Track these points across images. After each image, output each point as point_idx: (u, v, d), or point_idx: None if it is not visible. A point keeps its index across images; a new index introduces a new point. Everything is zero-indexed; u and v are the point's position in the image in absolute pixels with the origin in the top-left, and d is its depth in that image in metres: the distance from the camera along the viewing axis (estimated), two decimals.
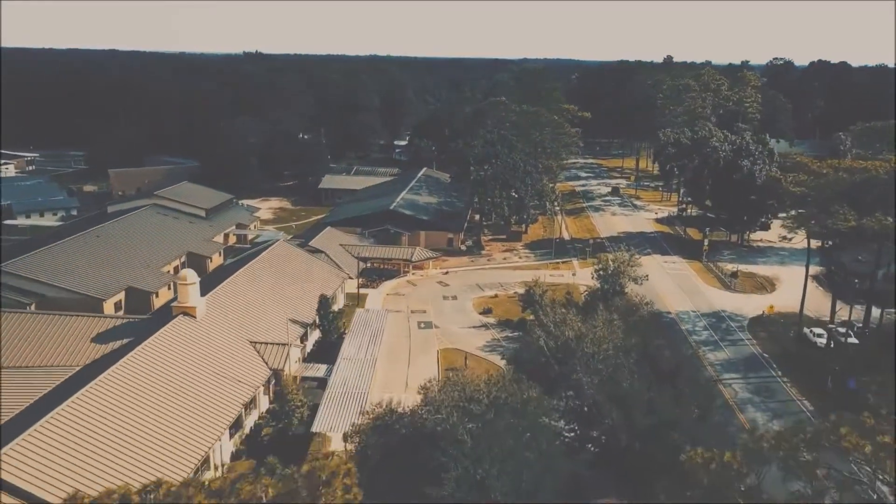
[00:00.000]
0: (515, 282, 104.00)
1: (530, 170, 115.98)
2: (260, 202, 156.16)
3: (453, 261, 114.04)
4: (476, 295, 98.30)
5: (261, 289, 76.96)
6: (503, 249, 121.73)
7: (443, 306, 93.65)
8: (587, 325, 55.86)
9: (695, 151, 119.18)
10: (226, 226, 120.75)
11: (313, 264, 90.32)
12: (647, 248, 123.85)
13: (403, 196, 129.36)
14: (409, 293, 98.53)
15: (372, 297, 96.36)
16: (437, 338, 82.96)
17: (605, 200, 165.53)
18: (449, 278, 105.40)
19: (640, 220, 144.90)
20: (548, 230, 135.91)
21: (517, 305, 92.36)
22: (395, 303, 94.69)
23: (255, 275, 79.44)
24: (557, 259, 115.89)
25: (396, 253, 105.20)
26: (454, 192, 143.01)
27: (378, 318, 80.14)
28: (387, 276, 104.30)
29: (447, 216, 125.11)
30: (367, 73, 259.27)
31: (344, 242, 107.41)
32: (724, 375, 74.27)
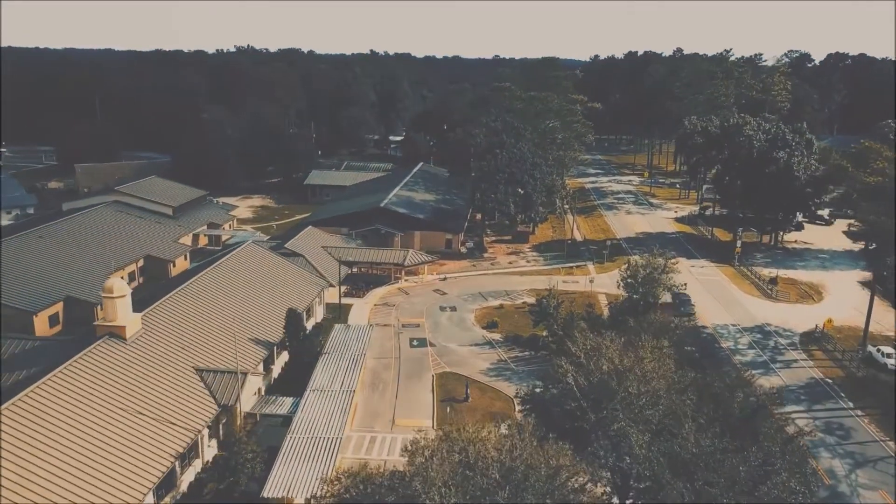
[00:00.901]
0: (523, 289, 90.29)
1: (539, 162, 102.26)
2: (240, 200, 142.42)
3: (452, 265, 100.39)
4: (478, 305, 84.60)
5: (217, 301, 63.20)
6: (508, 252, 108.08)
7: (439, 319, 79.94)
8: (630, 356, 42.05)
9: (726, 141, 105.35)
10: (195, 225, 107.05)
11: (287, 270, 76.60)
12: (670, 250, 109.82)
13: (396, 192, 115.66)
14: (401, 303, 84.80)
15: (357, 308, 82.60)
16: (433, 359, 69.22)
17: (619, 198, 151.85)
18: (447, 285, 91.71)
19: (659, 220, 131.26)
20: (557, 231, 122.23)
21: (527, 318, 78.71)
22: (383, 315, 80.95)
23: (213, 284, 65.68)
24: (570, 263, 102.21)
25: (387, 256, 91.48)
26: (453, 189, 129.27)
27: (360, 335, 66.35)
28: (375, 283, 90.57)
29: (445, 215, 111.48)
30: (360, 66, 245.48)
31: (327, 244, 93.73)
32: (784, 408, 60.44)
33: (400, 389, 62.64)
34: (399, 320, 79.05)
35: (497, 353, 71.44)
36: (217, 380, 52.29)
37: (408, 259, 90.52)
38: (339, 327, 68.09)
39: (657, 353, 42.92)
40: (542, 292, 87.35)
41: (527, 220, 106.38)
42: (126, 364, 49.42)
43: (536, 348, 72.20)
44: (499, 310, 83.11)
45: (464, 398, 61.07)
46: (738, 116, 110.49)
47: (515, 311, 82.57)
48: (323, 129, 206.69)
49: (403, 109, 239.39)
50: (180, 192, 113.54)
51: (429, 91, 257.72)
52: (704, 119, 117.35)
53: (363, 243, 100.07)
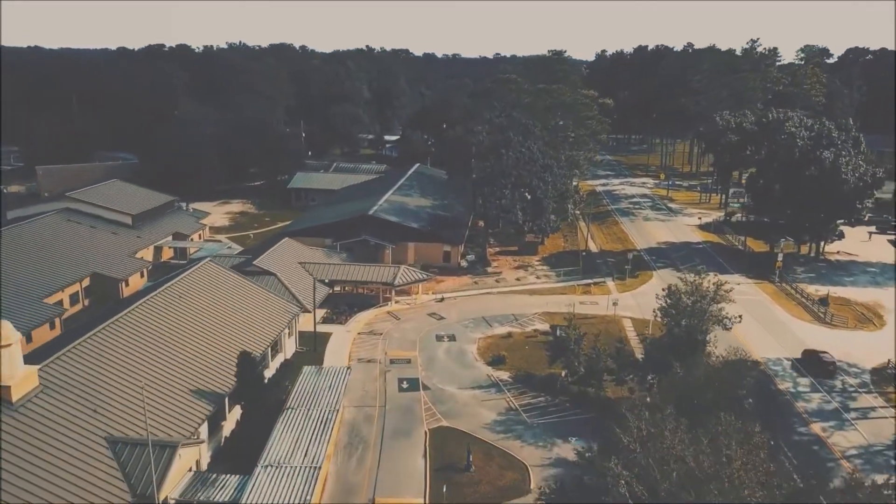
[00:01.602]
0: (534, 313, 77.05)
1: (550, 163, 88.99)
2: (217, 206, 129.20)
3: (451, 282, 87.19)
4: (481, 333, 71.38)
5: (151, 342, 49.92)
6: (515, 266, 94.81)
7: (435, 352, 66.72)
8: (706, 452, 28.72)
9: (765, 139, 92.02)
10: (158, 236, 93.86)
11: (252, 296, 63.37)
12: (697, 262, 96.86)
13: (388, 198, 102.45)
14: (390, 331, 71.59)
15: (337, 337, 69.36)
16: (426, 407, 55.98)
17: (634, 203, 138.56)
18: (445, 307, 78.49)
19: (681, 227, 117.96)
20: (570, 240, 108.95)
21: (540, 351, 65.64)
22: (368, 346, 67.70)
23: (149, 318, 52.40)
24: (587, 279, 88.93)
25: (374, 274, 78.25)
26: (452, 193, 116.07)
27: (335, 381, 53.09)
28: (360, 305, 77.33)
29: (443, 223, 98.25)
30: (354, 61, 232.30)
31: (306, 259, 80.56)
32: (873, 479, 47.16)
33: (383, 453, 49.35)
34: (386, 354, 65.81)
35: (505, 398, 58.15)
36: (135, 456, 39.05)
37: (399, 277, 77.30)
38: (308, 371, 54.74)
39: (748, 447, 29.58)
40: (556, 317, 74.46)
41: (537, 229, 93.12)
42: (8, 438, 36.18)
43: (553, 392, 59.02)
44: (506, 339, 69.86)
45: (465, 466, 47.83)
46: (776, 111, 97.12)
47: (526, 342, 69.33)
48: (314, 128, 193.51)
49: (400, 108, 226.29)
50: (143, 198, 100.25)
51: (427, 89, 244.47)
52: (738, 114, 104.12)
53: (348, 257, 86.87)
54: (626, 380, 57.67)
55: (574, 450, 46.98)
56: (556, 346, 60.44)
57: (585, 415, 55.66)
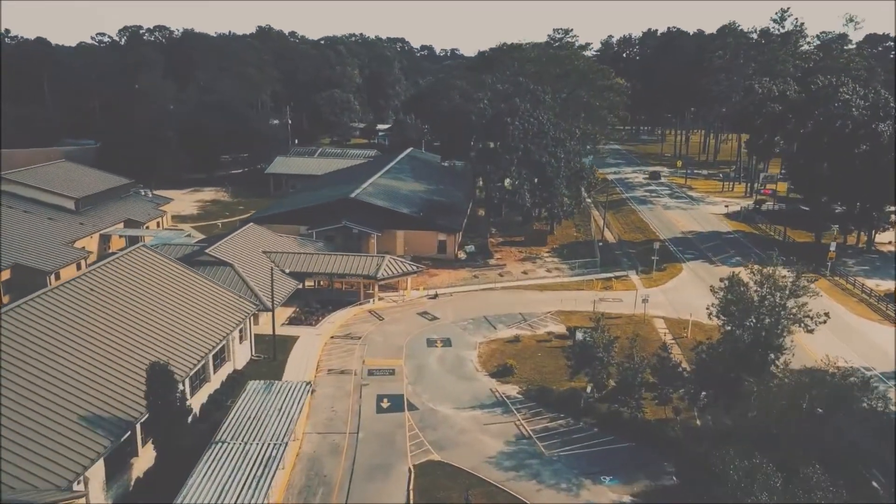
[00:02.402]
0: (547, 312, 63.84)
1: (563, 137, 75.84)
2: (187, 193, 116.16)
3: (446, 275, 74.03)
4: (483, 337, 58.18)
5: (31, 353, 36.61)
6: (521, 258, 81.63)
7: (426, 360, 53.50)
8: None
9: (815, 108, 78.82)
10: (106, 223, 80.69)
11: (194, 290, 50.11)
12: (732, 253, 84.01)
13: (375, 181, 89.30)
14: (370, 334, 58.36)
15: (304, 342, 56.09)
16: (412, 434, 42.82)
17: (650, 191, 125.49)
18: (439, 305, 65.32)
19: (706, 216, 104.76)
20: (582, 230, 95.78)
21: (557, 358, 52.62)
22: (341, 354, 54.47)
23: (36, 321, 39.08)
24: (606, 273, 75.73)
25: (353, 265, 64.97)
26: (449, 178, 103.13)
27: (288, 403, 39.82)
28: (337, 303, 64.07)
29: (439, 209, 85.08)
30: (347, 46, 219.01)
31: (273, 248, 67.34)
32: None
33: (352, 498, 36.16)
34: (364, 363, 52.62)
35: (515, 421, 44.96)
36: None
37: (382, 269, 64.06)
38: (253, 389, 41.42)
39: None
40: (573, 317, 61.32)
41: (549, 214, 79.90)
42: None
43: (576, 413, 45.87)
44: (513, 344, 56.63)
45: None
46: (824, 78, 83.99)
47: (538, 347, 56.12)
48: (302, 116, 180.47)
49: (394, 96, 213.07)
50: (92, 181, 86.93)
51: (422, 78, 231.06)
52: (780, 81, 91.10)
53: (327, 247, 73.67)
54: (672, 397, 44.60)
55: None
56: (579, 353, 47.22)
57: (620, 444, 42.55)
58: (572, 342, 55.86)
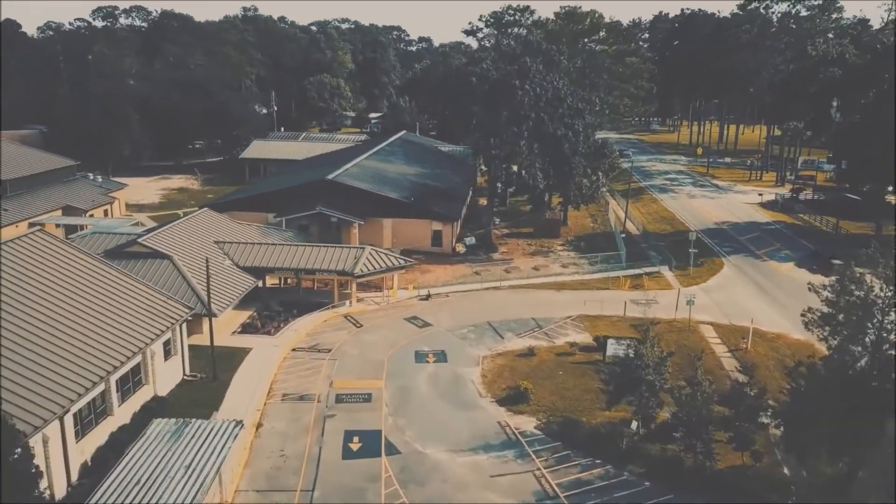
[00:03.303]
0: (567, 317, 51.26)
1: (582, 107, 63.35)
2: (153, 181, 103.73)
3: (442, 272, 61.50)
4: (488, 349, 45.61)
5: None
6: (530, 251, 69.09)
7: (414, 381, 40.90)
8: None
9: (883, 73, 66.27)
10: (38, 209, 68.12)
11: (103, 289, 37.50)
12: (778, 247, 71.54)
13: (360, 162, 76.91)
14: (343, 346, 45.75)
15: (256, 358, 43.45)
16: (390, 493, 30.21)
17: (670, 179, 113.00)
18: (432, 308, 52.73)
19: (738, 205, 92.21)
20: (599, 220, 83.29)
21: (585, 377, 40.14)
22: (303, 373, 41.87)
23: None
24: (633, 269, 63.15)
25: (325, 258, 52.31)
26: (446, 162, 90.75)
27: (202, 455, 27.18)
28: (302, 307, 51.40)
29: (433, 194, 72.64)
30: (338, 31, 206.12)
31: (228, 238, 54.78)
32: None
33: None
34: (332, 385, 40.05)
35: (533, 471, 32.40)
36: None
37: (361, 263, 51.45)
38: (157, 431, 28.82)
39: None
40: (601, 323, 48.96)
41: (562, 201, 67.48)
42: None
43: (618, 458, 33.33)
44: (526, 359, 44.05)
45: None
46: None
47: (559, 363, 43.54)
48: (289, 103, 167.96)
49: (390, 84, 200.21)
50: (24, 162, 74.21)
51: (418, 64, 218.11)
52: (838, 43, 78.58)
53: (298, 237, 61.10)
54: (754, 437, 32.14)
55: None
56: (620, 374, 34.72)
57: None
58: (603, 356, 43.55)
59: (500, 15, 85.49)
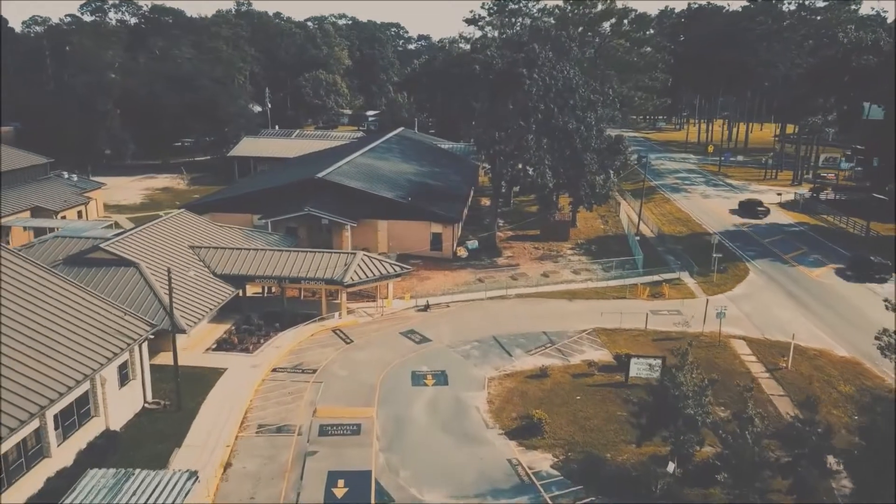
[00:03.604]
0: (582, 331, 45.95)
1: (595, 98, 58.07)
2: (137, 180, 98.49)
3: (442, 278, 56.17)
4: (495, 369, 40.27)
5: None
6: (538, 255, 63.78)
7: (410, 409, 35.53)
8: None
9: None
10: (2, 210, 62.66)
11: (45, 304, 32.17)
12: (806, 251, 66.21)
13: (353, 160, 71.70)
14: (330, 366, 40.40)
15: (230, 380, 38.08)
16: None
17: (682, 178, 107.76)
18: (431, 321, 47.38)
19: None
20: (610, 221, 78.05)
21: (604, 404, 34.94)
22: (283, 398, 36.50)
23: None
24: (649, 275, 57.80)
25: (313, 265, 46.92)
26: (446, 159, 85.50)
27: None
28: (285, 320, 46.01)
29: (433, 195, 67.38)
30: (335, 27, 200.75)
31: (206, 242, 49.48)
32: None
33: None
34: (316, 414, 34.71)
35: None
36: None
37: (353, 270, 46.09)
38: (90, 485, 23.51)
39: None
40: (619, 338, 43.71)
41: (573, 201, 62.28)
42: None
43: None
44: (539, 381, 38.72)
45: None
46: None
47: (576, 386, 38.20)
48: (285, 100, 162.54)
49: (388, 81, 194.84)
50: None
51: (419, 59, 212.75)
52: (869, 31, 73.35)
53: (285, 241, 55.71)
54: (812, 482, 26.79)
55: None
56: (652, 405, 29.45)
57: None
58: (625, 377, 38.29)
59: (504, 2, 79.87)
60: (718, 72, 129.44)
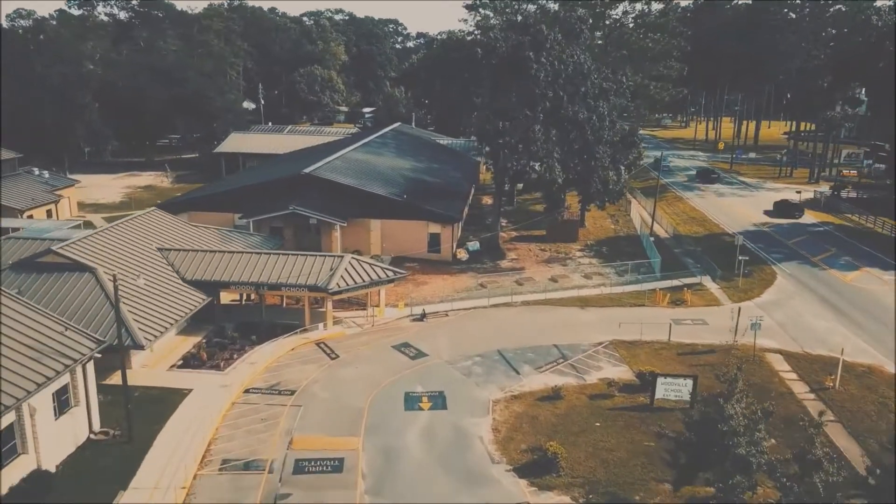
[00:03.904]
0: (597, 343, 40.84)
1: (608, 86, 53.02)
2: (118, 178, 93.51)
3: (440, 283, 51.03)
4: (500, 389, 35.14)
5: None
6: (545, 258, 58.69)
7: (401, 439, 30.36)
8: None
9: None
10: None
11: None
12: (835, 252, 61.11)
13: (345, 155, 66.68)
14: (311, 386, 35.25)
15: (194, 403, 32.93)
16: None
17: (693, 176, 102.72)
18: (428, 332, 42.26)
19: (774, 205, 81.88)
20: (621, 221, 73.00)
21: (629, 431, 29.50)
22: (253, 426, 31.32)
23: None
24: (667, 280, 52.67)
25: (295, 269, 41.76)
26: (445, 155, 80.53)
27: None
28: (269, 330, 40.83)
29: (431, 192, 62.29)
30: (332, 22, 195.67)
31: (176, 244, 44.37)
32: None
33: None
34: (291, 445, 29.56)
35: None
36: None
37: (339, 275, 40.95)
38: None
39: None
40: (639, 351, 38.66)
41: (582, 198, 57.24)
42: None
43: None
44: (552, 404, 33.59)
45: None
46: None
47: (594, 409, 33.09)
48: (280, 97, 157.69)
49: (386, 77, 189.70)
50: None
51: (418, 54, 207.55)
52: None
53: (269, 243, 50.52)
54: None
55: None
56: (692, 441, 24.33)
57: None
58: (650, 399, 33.30)
59: None
60: (728, 66, 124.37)
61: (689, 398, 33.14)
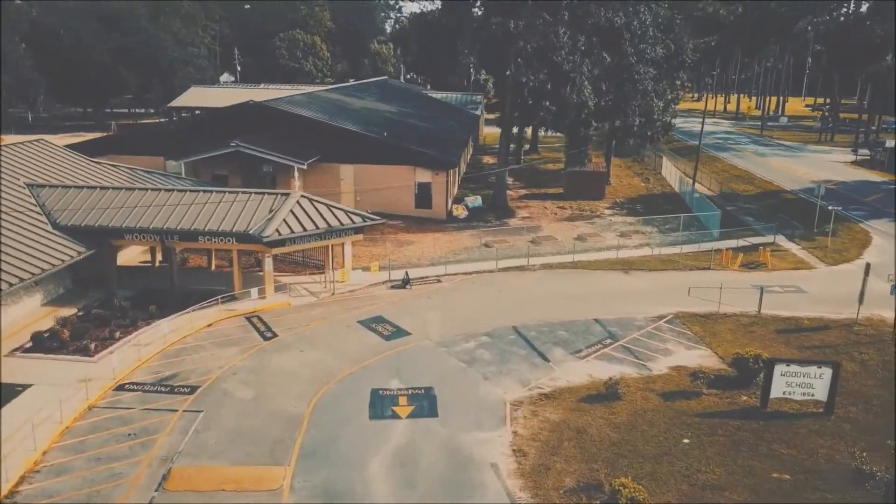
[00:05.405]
0: (654, 317, 27.99)
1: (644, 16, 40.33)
2: (64, 138, 79.62)
3: (429, 243, 38.12)
4: (522, 384, 22.34)
5: None
6: (564, 216, 45.96)
7: (363, 467, 17.52)
8: None
9: None
10: None
11: None
12: None
13: (314, 93, 53.89)
14: (225, 378, 22.41)
15: (26, 406, 20.02)
16: None
17: (723, 138, 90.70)
18: (411, 302, 29.48)
19: (827, 164, 69.69)
20: (652, 180, 60.37)
21: (741, 450, 15.91)
22: (112, 447, 18.42)
23: None
24: (730, 239, 39.95)
25: (217, 213, 28.88)
26: (437, 107, 67.87)
27: None
28: (182, 299, 27.99)
29: (418, 135, 49.42)
30: None
31: (54, 178, 31.37)
32: None
33: None
34: (168, 481, 16.73)
35: None
36: None
37: (278, 219, 28.12)
38: None
39: None
40: (719, 326, 25.48)
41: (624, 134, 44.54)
42: None
43: None
44: (606, 408, 20.84)
45: None
46: None
47: (675, 417, 20.34)
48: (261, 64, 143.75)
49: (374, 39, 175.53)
50: None
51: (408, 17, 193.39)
52: None
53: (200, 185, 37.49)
54: None
55: None
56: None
57: None
58: (761, 400, 20.73)
59: None
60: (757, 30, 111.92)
61: (828, 397, 20.68)
